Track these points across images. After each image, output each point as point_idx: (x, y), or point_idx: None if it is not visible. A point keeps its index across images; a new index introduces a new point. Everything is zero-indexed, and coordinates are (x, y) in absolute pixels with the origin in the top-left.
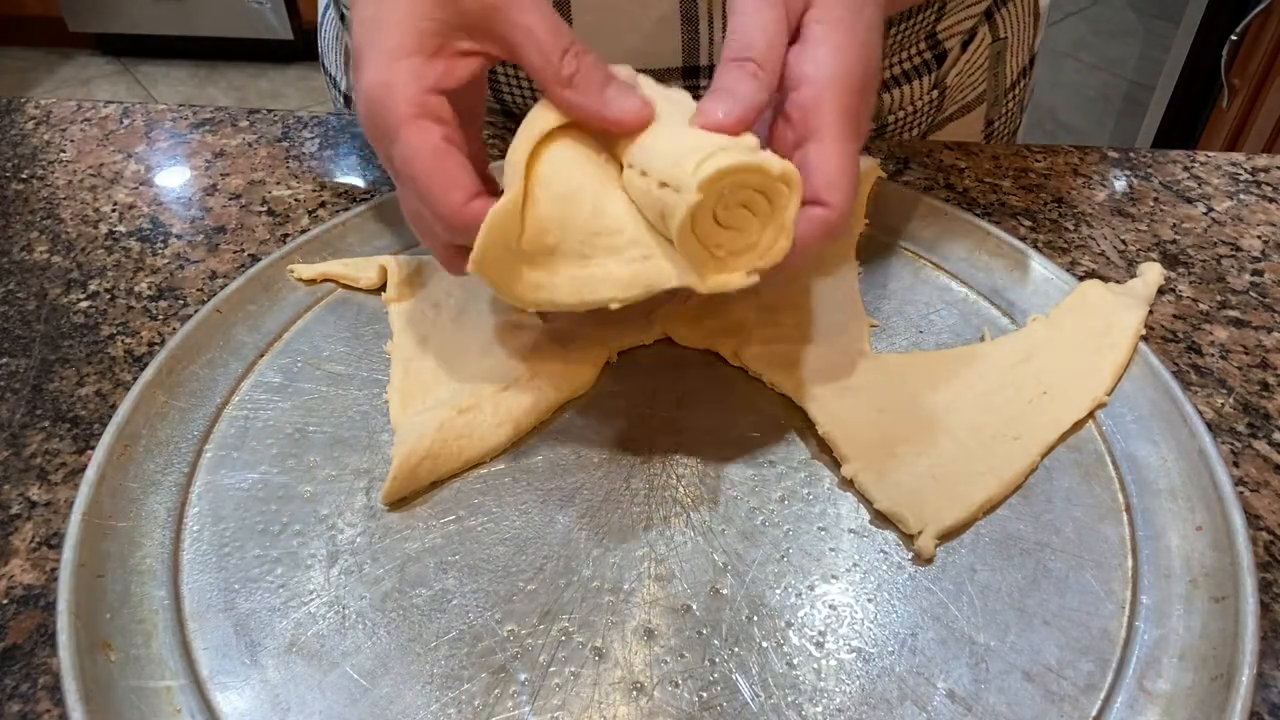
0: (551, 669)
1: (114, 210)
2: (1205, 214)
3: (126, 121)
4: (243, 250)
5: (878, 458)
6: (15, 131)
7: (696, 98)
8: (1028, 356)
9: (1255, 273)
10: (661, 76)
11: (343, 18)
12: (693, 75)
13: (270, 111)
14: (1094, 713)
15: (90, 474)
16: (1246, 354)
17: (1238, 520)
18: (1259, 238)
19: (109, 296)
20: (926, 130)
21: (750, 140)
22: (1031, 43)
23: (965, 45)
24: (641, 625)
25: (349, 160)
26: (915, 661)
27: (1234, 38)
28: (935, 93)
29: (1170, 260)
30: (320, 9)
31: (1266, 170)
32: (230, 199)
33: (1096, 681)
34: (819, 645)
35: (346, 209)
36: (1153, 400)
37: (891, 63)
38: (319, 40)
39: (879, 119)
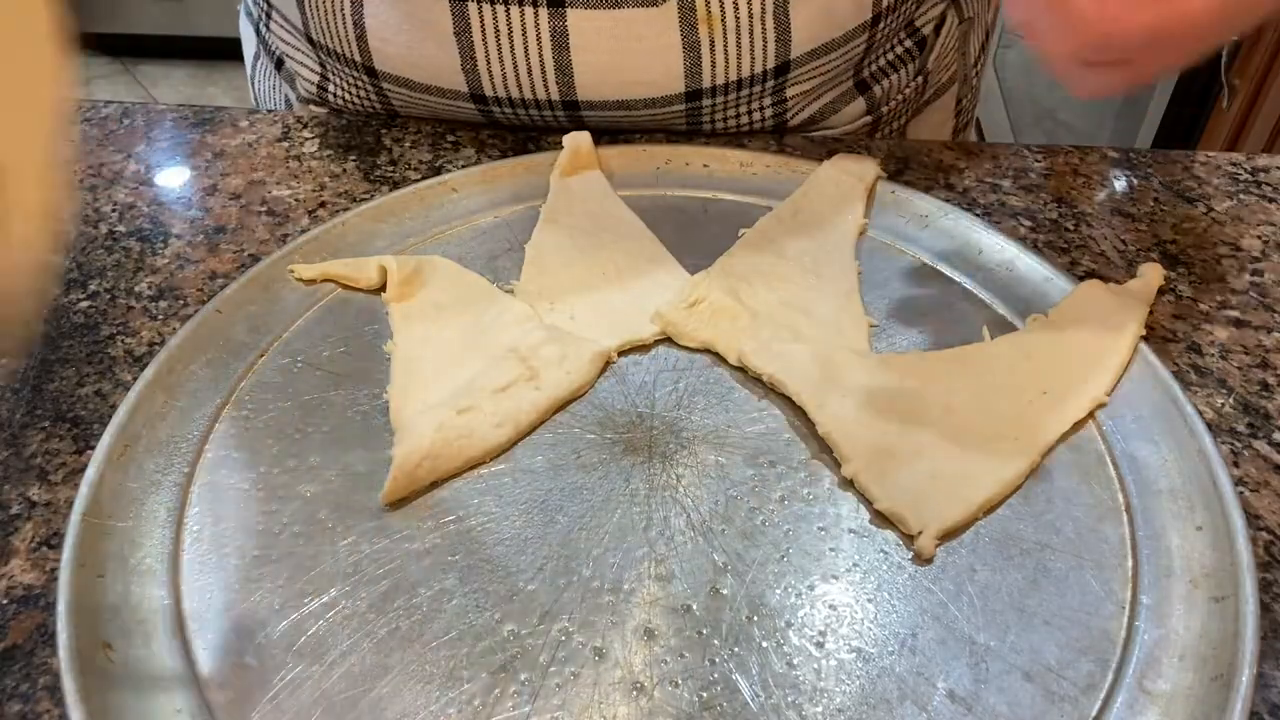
0: (551, 669)
1: (114, 210)
2: (1205, 214)
3: (126, 121)
4: (243, 250)
5: (878, 458)
6: None
7: (701, 122)
8: (1028, 356)
9: (1255, 273)
10: (665, 103)
11: (279, 65)
12: (695, 98)
13: (270, 111)
14: (1094, 713)
15: (90, 474)
16: (1246, 354)
17: (1238, 520)
18: (1259, 238)
19: (109, 296)
20: (910, 117)
21: None
22: (988, 18)
23: (938, 29)
24: (641, 625)
25: (349, 160)
26: (915, 661)
27: (1234, 38)
28: (920, 79)
29: (1170, 260)
30: (249, 59)
31: (1266, 170)
32: (230, 199)
33: (1096, 681)
34: (819, 645)
35: (346, 209)
36: (1153, 400)
37: (876, 58)
38: (251, 89)
39: (873, 111)
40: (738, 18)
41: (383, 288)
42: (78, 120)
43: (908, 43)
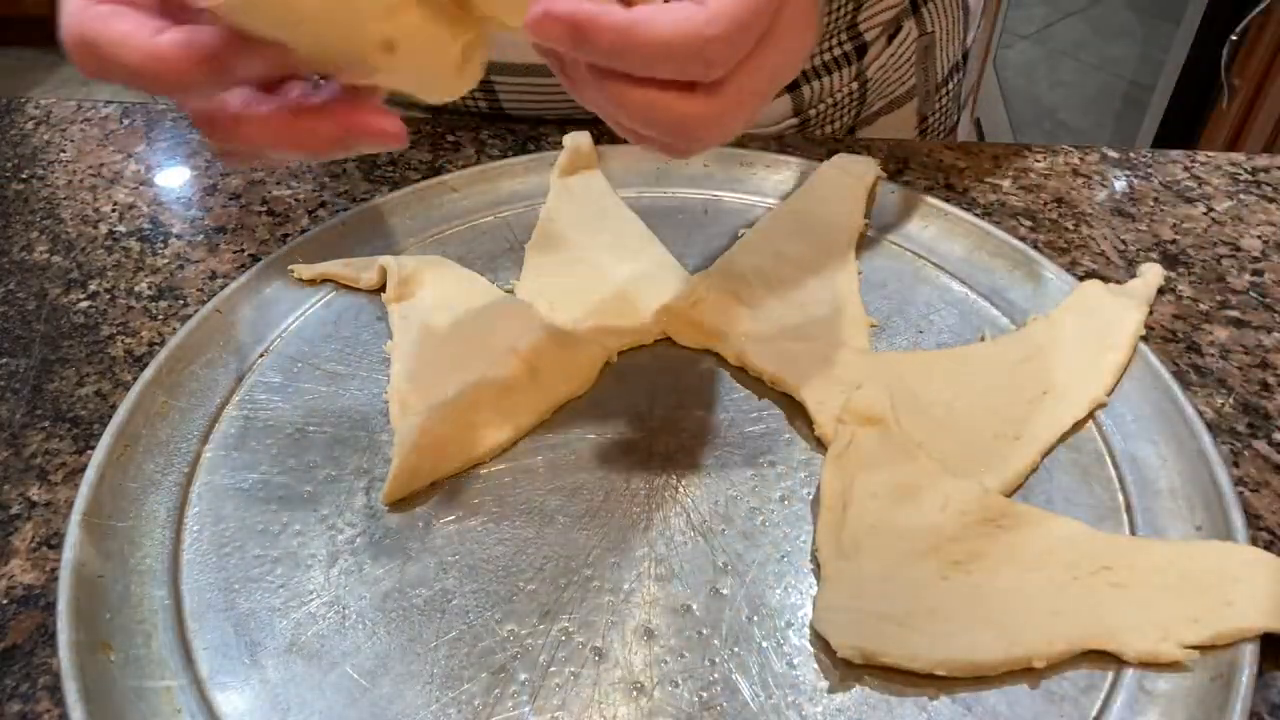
0: (551, 669)
1: (114, 210)
2: (1205, 214)
3: (126, 121)
4: (243, 250)
5: None
6: (15, 131)
7: None
8: (1028, 356)
9: (1255, 273)
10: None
11: None
12: None
13: None
14: (1094, 713)
15: (90, 474)
16: (1246, 354)
17: (1238, 520)
18: (1259, 238)
19: (109, 296)
20: (853, 124)
21: None
22: (963, 38)
23: (891, 38)
24: (641, 625)
25: (349, 160)
26: None
27: (1234, 38)
28: (856, 85)
29: (1170, 260)
30: None
31: (1266, 170)
32: (230, 199)
33: (1096, 681)
34: (820, 645)
35: (346, 209)
36: (1153, 400)
37: (811, 54)
38: None
39: (801, 113)
40: None
41: (383, 288)
42: (78, 120)
43: (847, 45)
